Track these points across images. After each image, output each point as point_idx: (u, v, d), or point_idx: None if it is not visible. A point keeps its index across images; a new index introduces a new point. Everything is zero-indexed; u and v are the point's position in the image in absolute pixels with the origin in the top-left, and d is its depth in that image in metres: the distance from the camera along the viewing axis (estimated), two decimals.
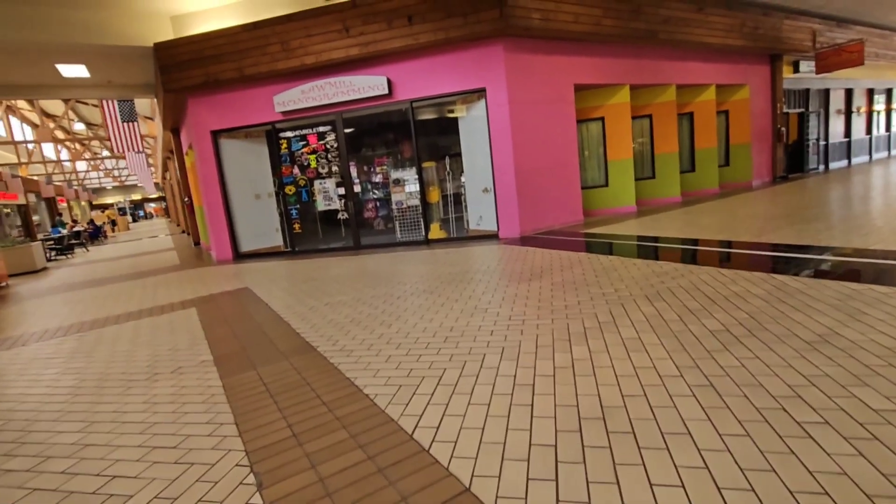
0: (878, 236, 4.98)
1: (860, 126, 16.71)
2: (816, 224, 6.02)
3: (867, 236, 5.03)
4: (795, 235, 5.48)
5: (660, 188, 10.69)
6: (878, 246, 4.58)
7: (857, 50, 11.98)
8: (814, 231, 5.60)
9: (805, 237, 5.32)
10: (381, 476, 1.86)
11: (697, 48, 10.40)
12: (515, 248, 6.78)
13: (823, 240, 5.10)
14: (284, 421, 2.42)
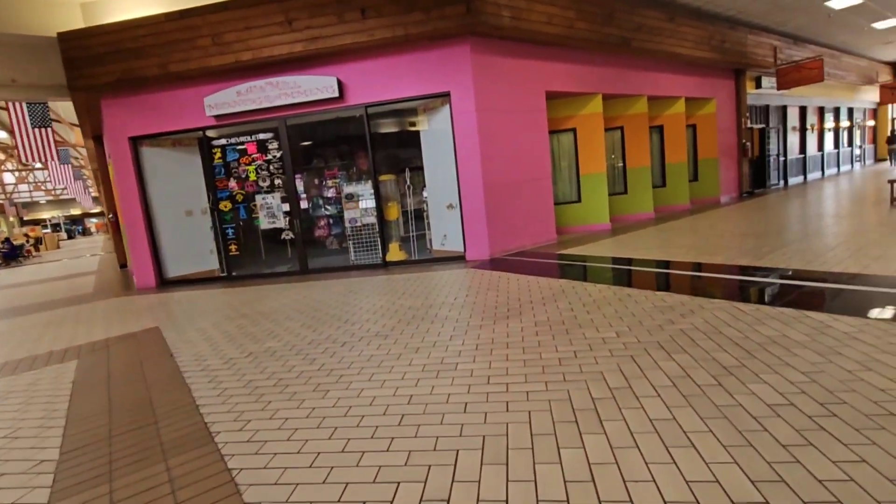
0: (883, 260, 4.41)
1: (813, 143, 17.10)
2: (807, 244, 5.48)
3: (868, 258, 4.46)
4: (796, 258, 4.87)
5: (632, 204, 10.17)
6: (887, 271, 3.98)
7: (817, 67, 12.05)
8: (813, 253, 5.02)
9: (808, 261, 4.72)
10: None
11: (668, 59, 10.04)
12: (485, 274, 5.90)
13: (831, 264, 4.49)
14: None
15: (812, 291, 3.75)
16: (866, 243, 5.22)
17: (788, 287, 3.95)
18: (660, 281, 4.69)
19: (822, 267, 4.43)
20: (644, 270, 5.19)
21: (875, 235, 5.61)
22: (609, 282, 4.84)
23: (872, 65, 19.42)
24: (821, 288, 3.82)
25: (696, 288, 4.25)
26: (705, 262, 5.18)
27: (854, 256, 4.69)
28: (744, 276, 4.44)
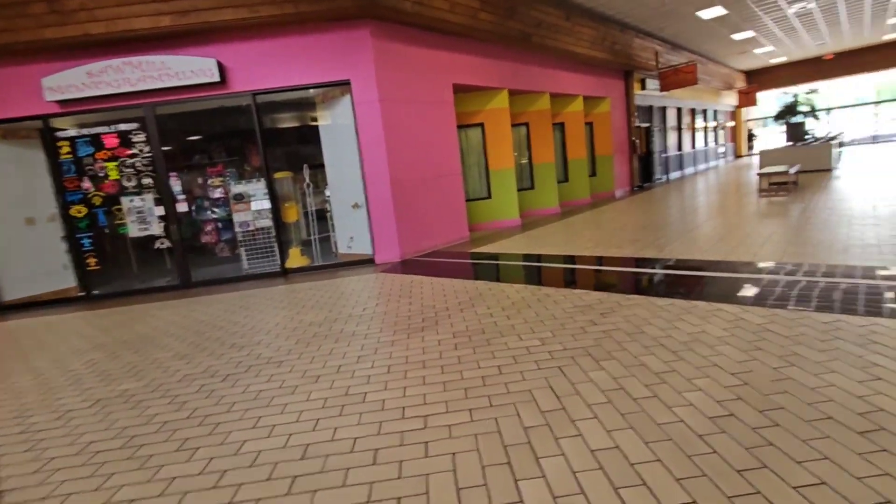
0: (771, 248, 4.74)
1: (687, 141, 18.99)
2: (700, 234, 5.80)
3: (765, 249, 4.77)
4: (694, 249, 5.08)
5: (539, 199, 10.34)
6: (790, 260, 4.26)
7: (691, 71, 13.26)
8: (707, 242, 5.29)
9: (705, 250, 4.94)
10: None
11: (566, 58, 10.33)
12: (397, 278, 5.45)
13: (725, 252, 4.72)
14: None
15: (717, 282, 3.83)
16: (749, 232, 5.63)
17: (695, 279, 4.02)
18: (575, 278, 4.60)
19: (719, 256, 4.63)
20: (558, 267, 5.10)
21: (754, 224, 6.10)
22: (525, 281, 4.65)
23: (731, 72, 22.12)
24: (724, 278, 3.93)
25: (610, 284, 4.19)
26: (614, 256, 5.22)
27: (743, 244, 4.98)
28: (652, 269, 4.49)
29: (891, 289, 3.19)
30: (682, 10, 11.05)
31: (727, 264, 4.31)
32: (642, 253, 5.21)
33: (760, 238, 5.22)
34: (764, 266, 4.09)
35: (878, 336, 2.51)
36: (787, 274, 3.79)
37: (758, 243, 4.98)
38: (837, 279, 3.52)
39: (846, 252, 4.24)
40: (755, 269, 4.03)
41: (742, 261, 4.36)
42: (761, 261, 4.27)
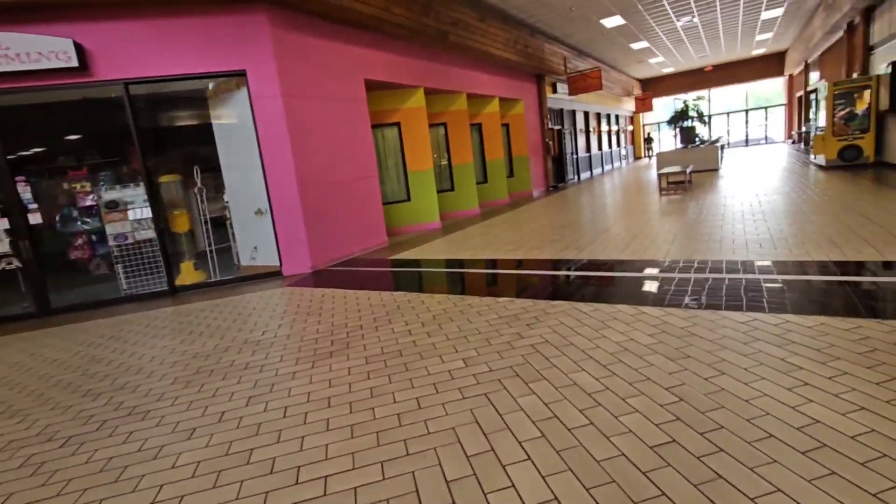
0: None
1: (595, 143, 20.08)
2: (615, 233, 5.92)
3: (677, 246, 4.91)
4: (611, 248, 5.12)
5: (459, 201, 10.18)
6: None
7: (597, 76, 13.93)
8: (622, 241, 5.37)
9: (621, 249, 4.98)
10: None
11: (482, 59, 10.28)
12: (306, 292, 4.90)
13: (640, 252, 4.79)
14: None
15: (637, 283, 3.80)
16: (658, 230, 5.82)
17: (615, 281, 3.96)
18: (498, 284, 4.38)
19: (634, 255, 4.67)
20: (481, 273, 4.87)
21: (661, 222, 6.35)
22: (447, 290, 4.35)
23: (630, 80, 23.84)
24: (642, 279, 3.91)
25: (534, 289, 4.01)
26: (536, 259, 5.11)
27: (654, 243, 5.10)
28: (574, 272, 4.40)
29: (790, 283, 3.31)
30: (588, 17, 11.51)
31: (643, 263, 4.33)
32: (563, 254, 5.15)
33: (669, 235, 5.39)
34: (676, 264, 4.15)
35: (793, 335, 2.51)
36: (698, 272, 3.85)
37: (668, 240, 5.12)
38: (743, 275, 3.62)
39: (747, 247, 4.45)
40: (669, 268, 4.07)
41: (655, 259, 4.41)
42: (672, 259, 4.35)
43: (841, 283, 3.24)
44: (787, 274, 3.56)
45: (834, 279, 3.33)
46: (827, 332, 2.49)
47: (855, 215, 5.27)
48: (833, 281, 3.29)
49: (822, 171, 9.93)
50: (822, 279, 3.35)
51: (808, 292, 3.12)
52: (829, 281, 3.30)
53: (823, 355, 2.26)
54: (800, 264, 3.76)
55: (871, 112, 9.57)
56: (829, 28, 12.26)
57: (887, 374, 2.02)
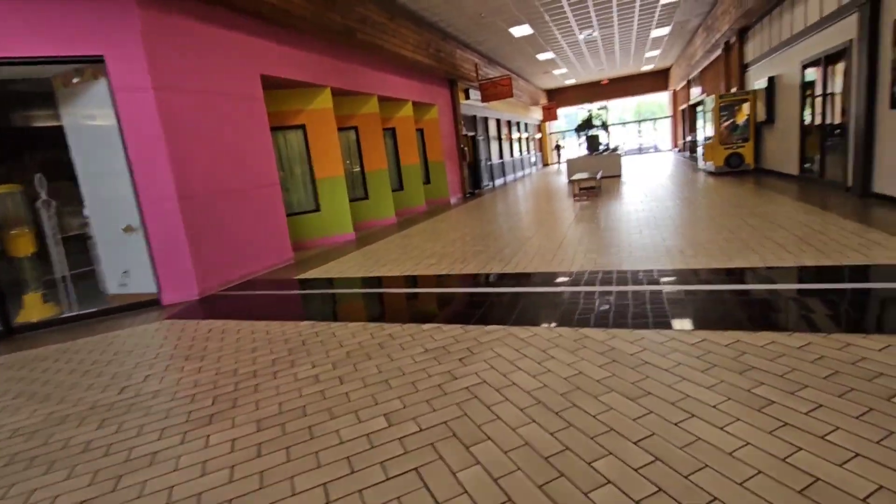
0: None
1: (507, 150, 20.49)
2: (538, 242, 5.74)
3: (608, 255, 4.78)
4: (537, 260, 4.88)
5: (374, 209, 9.56)
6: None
7: (507, 84, 14.08)
8: (549, 252, 5.17)
9: (548, 261, 4.75)
10: None
11: (394, 61, 9.78)
12: (190, 327, 4.02)
13: (568, 264, 4.58)
14: None
15: (573, 300, 3.51)
16: (581, 238, 5.72)
17: (549, 298, 3.65)
18: (422, 307, 3.89)
19: (563, 266, 4.44)
20: (401, 293, 4.34)
21: (582, 230, 6.29)
22: (363, 317, 3.76)
23: (537, 90, 24.80)
24: (576, 294, 3.64)
25: (463, 311, 3.57)
26: (460, 273, 4.70)
27: (581, 253, 4.94)
28: (503, 288, 4.04)
29: (726, 294, 3.22)
30: (497, 24, 11.53)
31: (574, 276, 4.10)
32: (489, 267, 4.79)
33: (592, 243, 5.28)
34: (609, 276, 3.96)
35: (748, 357, 2.31)
36: (633, 283, 3.67)
37: (593, 249, 4.99)
38: (677, 286, 3.49)
39: (670, 255, 4.41)
40: (602, 280, 3.85)
41: (585, 271, 4.20)
42: (604, 270, 4.17)
43: (771, 291, 3.19)
44: (718, 284, 3.48)
45: (780, 287, 3.28)
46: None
47: (760, 219, 5.56)
48: (779, 290, 3.24)
49: (713, 177, 10.78)
50: (767, 288, 3.30)
51: (749, 305, 3.02)
52: (773, 290, 3.25)
53: (789, 383, 2.05)
54: (731, 272, 3.72)
55: (751, 123, 10.58)
56: (709, 47, 13.52)
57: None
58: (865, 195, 5.97)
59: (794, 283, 3.35)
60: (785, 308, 2.88)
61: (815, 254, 3.90)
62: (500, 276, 4.41)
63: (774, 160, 9.80)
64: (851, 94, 6.29)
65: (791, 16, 8.33)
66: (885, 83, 5.40)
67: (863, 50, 5.71)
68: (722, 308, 2.97)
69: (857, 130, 5.99)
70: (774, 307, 2.91)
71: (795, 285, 3.30)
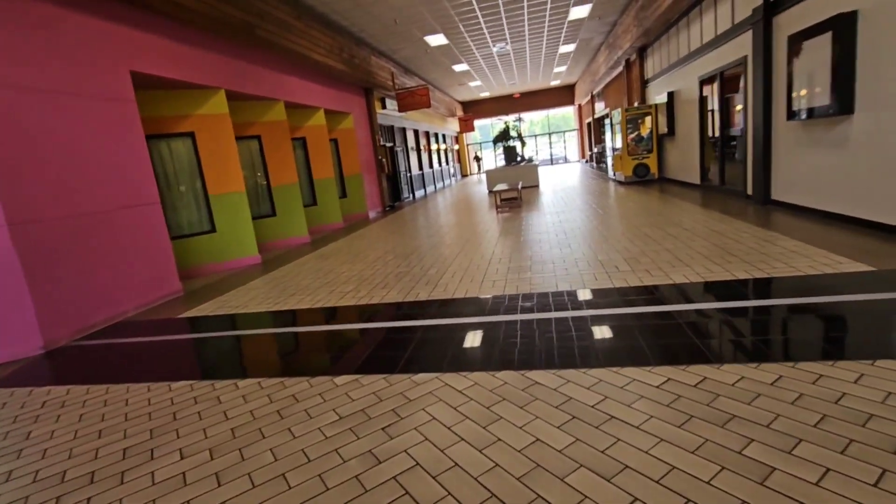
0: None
1: (426, 161, 20.21)
2: (466, 261, 5.31)
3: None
4: (466, 281, 4.43)
5: (283, 227, 8.62)
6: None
7: (425, 94, 13.76)
8: (479, 272, 4.75)
9: (478, 282, 4.32)
10: None
11: (303, 64, 8.96)
12: (16, 400, 2.98)
13: (500, 286, 4.18)
14: None
15: (511, 332, 3.07)
16: (510, 255, 5.39)
17: (485, 331, 3.18)
18: (336, 351, 3.23)
19: (497, 289, 4.02)
20: (311, 333, 3.64)
21: (508, 245, 5.99)
22: (260, 369, 3.02)
23: (453, 101, 24.91)
24: (515, 324, 3.20)
25: (386, 356, 2.98)
26: (384, 303, 4.10)
27: (513, 274, 4.57)
28: (433, 320, 3.51)
29: (665, 320, 2.95)
30: (412, 32, 11.15)
31: (509, 302, 3.68)
32: (414, 293, 4.24)
33: (524, 260, 4.96)
34: (544, 299, 3.60)
35: (722, 401, 1.98)
36: (578, 307, 3.32)
37: (526, 268, 4.65)
38: (624, 309, 3.19)
39: (605, 270, 4.17)
40: (541, 305, 3.47)
41: (520, 295, 3.81)
42: (539, 292, 3.80)
43: (718, 310, 2.99)
44: (664, 304, 3.23)
45: (721, 306, 3.07)
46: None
47: (679, 228, 5.59)
48: (720, 309, 3.03)
49: (622, 186, 11.21)
50: (714, 307, 3.08)
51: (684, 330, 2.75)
52: (710, 309, 3.03)
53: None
54: (673, 289, 3.51)
55: (654, 135, 11.17)
56: (611, 63, 14.25)
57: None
58: (766, 203, 6.32)
59: (742, 299, 3.19)
60: (756, 331, 2.66)
61: (741, 265, 3.85)
62: (426, 304, 3.88)
63: (677, 170, 10.38)
64: (748, 106, 6.67)
65: (688, 34, 8.85)
66: (781, 96, 5.73)
67: (758, 65, 6.05)
68: (679, 335, 2.68)
69: (756, 141, 6.34)
70: (741, 331, 2.68)
71: (744, 302, 3.14)
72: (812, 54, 4.85)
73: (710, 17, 7.74)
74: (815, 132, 5.10)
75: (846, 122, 4.58)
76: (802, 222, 5.14)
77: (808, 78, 4.96)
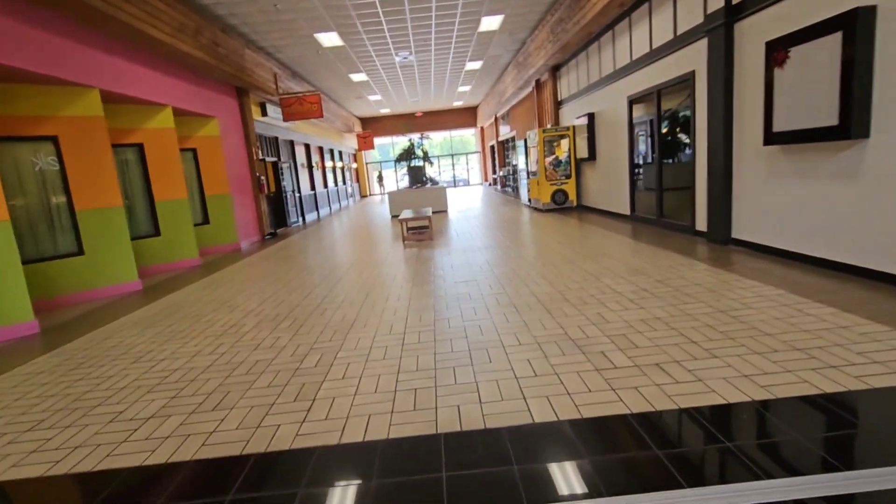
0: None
1: (320, 180, 17.86)
2: (370, 306, 3.45)
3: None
4: (379, 403, 2.57)
5: (95, 273, 5.97)
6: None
7: (316, 101, 11.67)
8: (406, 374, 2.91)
9: (406, 374, 2.49)
10: None
11: (139, 44, 6.45)
12: None
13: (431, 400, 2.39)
14: None
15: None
16: (429, 319, 3.63)
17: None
18: None
19: (422, 413, 2.22)
20: None
21: (423, 302, 4.23)
22: None
23: (350, 116, 22.88)
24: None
25: None
26: (205, 460, 2.05)
27: (433, 364, 2.80)
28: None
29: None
30: (299, 24, 9.09)
31: (446, 450, 1.90)
32: (271, 431, 2.26)
33: (455, 342, 3.22)
34: (495, 449, 1.87)
35: None
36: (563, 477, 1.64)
37: (459, 354, 2.92)
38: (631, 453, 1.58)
39: (583, 356, 2.59)
40: (497, 455, 1.73)
41: (462, 428, 2.05)
42: (485, 428, 2.08)
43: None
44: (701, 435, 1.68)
45: None
46: None
47: (644, 277, 4.30)
48: None
49: (541, 215, 10.16)
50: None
51: None
52: None
53: None
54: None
55: (572, 159, 10.33)
56: (521, 83, 13.49)
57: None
58: (725, 242, 5.37)
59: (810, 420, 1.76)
60: None
61: (786, 353, 2.52)
62: (291, 460, 1.93)
63: (598, 198, 9.56)
64: (696, 129, 5.78)
65: (612, 50, 8.05)
66: (751, 116, 4.80)
67: (716, 79, 5.13)
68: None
69: (713, 169, 5.41)
70: None
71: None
72: (806, 63, 3.89)
73: (642, 29, 6.91)
74: (806, 160, 4.15)
75: (858, 148, 3.62)
76: (797, 273, 4.13)
77: (799, 93, 4.00)
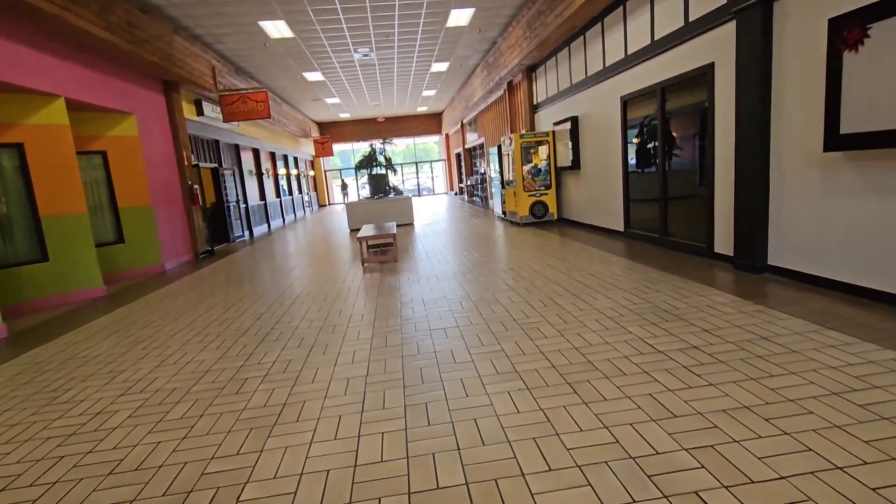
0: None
1: (271, 189, 16.24)
2: (329, 354, 2.20)
3: None
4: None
5: None
6: None
7: (262, 100, 10.20)
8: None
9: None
10: None
11: (17, 13, 4.90)
12: None
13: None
14: None
15: None
16: (399, 385, 2.39)
17: None
18: None
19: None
20: None
21: (388, 351, 2.99)
22: None
23: (307, 120, 21.30)
24: None
25: None
26: None
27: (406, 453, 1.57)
28: None
29: None
30: (241, 9, 7.68)
31: None
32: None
33: (436, 424, 2.01)
34: None
35: None
36: None
37: (446, 450, 1.71)
38: None
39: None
40: None
41: None
42: None
43: None
44: None
45: None
46: None
47: (679, 322, 3.24)
48: None
49: (521, 229, 9.11)
50: None
51: None
52: None
53: None
54: None
55: (552, 168, 9.37)
56: (490, 86, 12.51)
57: None
58: (760, 270, 4.42)
59: None
60: None
61: None
62: None
63: (583, 211, 8.62)
64: (717, 131, 4.85)
65: (601, 45, 7.13)
66: (799, 115, 3.88)
67: (749, 71, 4.20)
68: None
69: (743, 179, 4.47)
70: None
71: None
72: (894, 42, 2.97)
73: (641, 19, 5.99)
74: (887, 170, 3.23)
75: None
76: (877, 317, 3.18)
77: (883, 82, 3.08)
